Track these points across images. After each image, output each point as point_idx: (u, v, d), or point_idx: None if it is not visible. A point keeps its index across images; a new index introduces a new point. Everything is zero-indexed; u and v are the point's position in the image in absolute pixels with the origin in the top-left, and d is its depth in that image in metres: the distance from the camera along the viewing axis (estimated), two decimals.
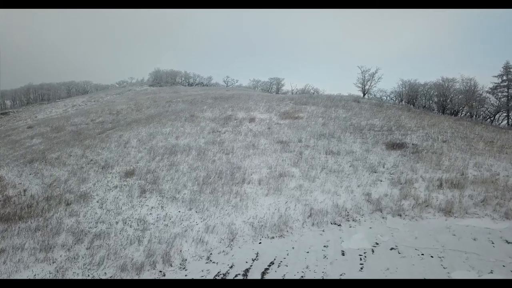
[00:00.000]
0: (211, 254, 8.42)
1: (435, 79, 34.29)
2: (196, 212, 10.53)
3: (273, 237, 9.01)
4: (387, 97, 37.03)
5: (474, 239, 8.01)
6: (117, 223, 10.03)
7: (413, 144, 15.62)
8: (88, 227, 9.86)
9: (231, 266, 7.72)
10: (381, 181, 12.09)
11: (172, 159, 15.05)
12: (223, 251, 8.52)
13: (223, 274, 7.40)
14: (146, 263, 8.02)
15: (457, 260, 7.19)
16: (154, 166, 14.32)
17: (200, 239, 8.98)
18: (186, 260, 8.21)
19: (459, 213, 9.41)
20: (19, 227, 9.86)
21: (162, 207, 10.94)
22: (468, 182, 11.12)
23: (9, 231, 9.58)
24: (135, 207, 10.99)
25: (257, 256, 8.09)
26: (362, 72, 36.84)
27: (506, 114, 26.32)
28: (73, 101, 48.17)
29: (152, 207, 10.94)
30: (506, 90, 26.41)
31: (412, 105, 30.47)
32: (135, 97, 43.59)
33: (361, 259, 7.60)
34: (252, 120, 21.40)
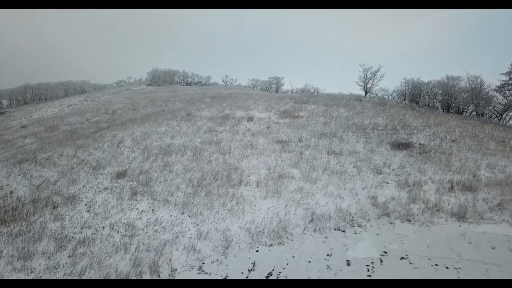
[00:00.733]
0: (203, 263, 7.69)
1: (439, 77, 33.55)
2: (189, 216, 9.79)
3: (271, 245, 8.28)
4: (389, 96, 36.29)
5: (493, 248, 7.27)
6: (103, 228, 9.30)
7: (420, 144, 14.86)
8: (73, 232, 9.13)
9: (225, 278, 7.01)
10: (387, 183, 11.34)
11: (166, 159, 14.33)
12: (217, 260, 7.78)
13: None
14: (132, 274, 7.30)
15: (476, 272, 6.46)
16: (147, 167, 13.61)
17: (192, 246, 8.25)
18: (175, 270, 7.48)
19: (474, 218, 8.66)
20: (0, 232, 9.16)
21: (153, 210, 10.22)
22: (482, 184, 10.35)
23: None
24: (124, 210, 10.27)
25: (253, 266, 7.37)
26: (364, 70, 36.04)
27: None
28: (69, 100, 47.52)
29: (142, 211, 10.21)
30: None
31: (416, 104, 29.72)
32: (132, 96, 42.90)
33: (368, 270, 6.88)
34: (250, 119, 20.67)
